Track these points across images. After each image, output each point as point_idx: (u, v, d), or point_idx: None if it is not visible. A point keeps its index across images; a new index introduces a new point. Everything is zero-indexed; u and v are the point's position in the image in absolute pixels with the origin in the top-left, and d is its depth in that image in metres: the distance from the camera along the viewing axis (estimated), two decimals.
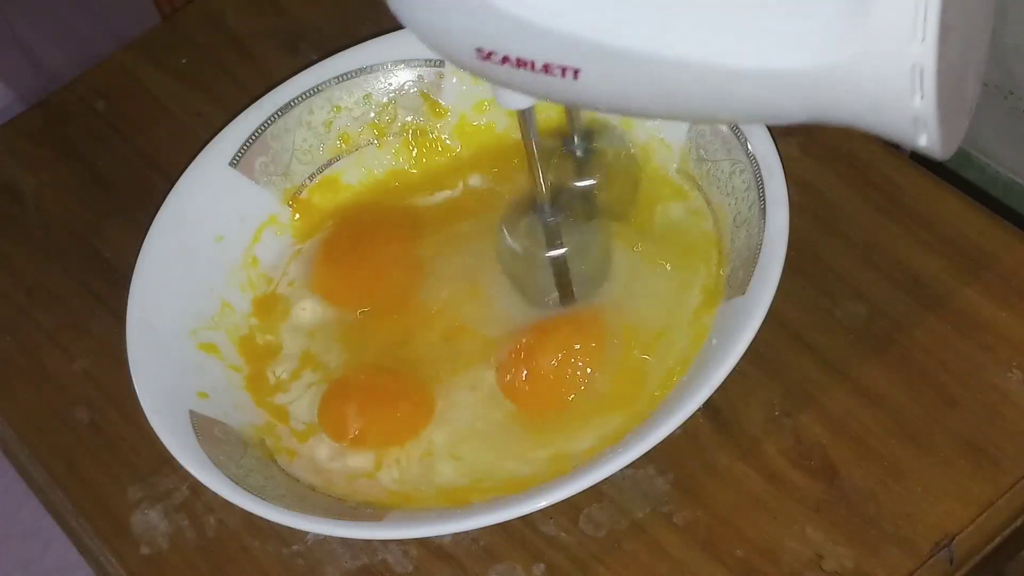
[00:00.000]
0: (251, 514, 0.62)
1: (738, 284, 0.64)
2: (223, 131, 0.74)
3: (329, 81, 0.75)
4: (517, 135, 0.65)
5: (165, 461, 0.65)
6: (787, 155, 0.67)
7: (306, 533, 0.65)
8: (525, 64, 0.54)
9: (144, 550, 0.67)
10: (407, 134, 0.76)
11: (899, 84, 0.49)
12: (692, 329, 0.66)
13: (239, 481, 0.63)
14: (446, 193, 0.75)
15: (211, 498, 0.65)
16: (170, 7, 1.17)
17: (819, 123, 0.53)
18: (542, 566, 0.63)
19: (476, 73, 0.56)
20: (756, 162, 0.66)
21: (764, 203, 0.65)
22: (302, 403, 0.69)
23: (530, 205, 0.67)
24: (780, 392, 0.66)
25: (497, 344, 0.68)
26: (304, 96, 0.75)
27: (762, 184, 0.65)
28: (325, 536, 0.64)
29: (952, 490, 0.62)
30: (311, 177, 0.75)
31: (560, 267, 0.68)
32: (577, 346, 0.66)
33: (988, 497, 0.62)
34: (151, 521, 0.68)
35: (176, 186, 0.73)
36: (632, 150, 0.72)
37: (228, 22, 0.87)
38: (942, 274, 0.68)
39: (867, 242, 0.70)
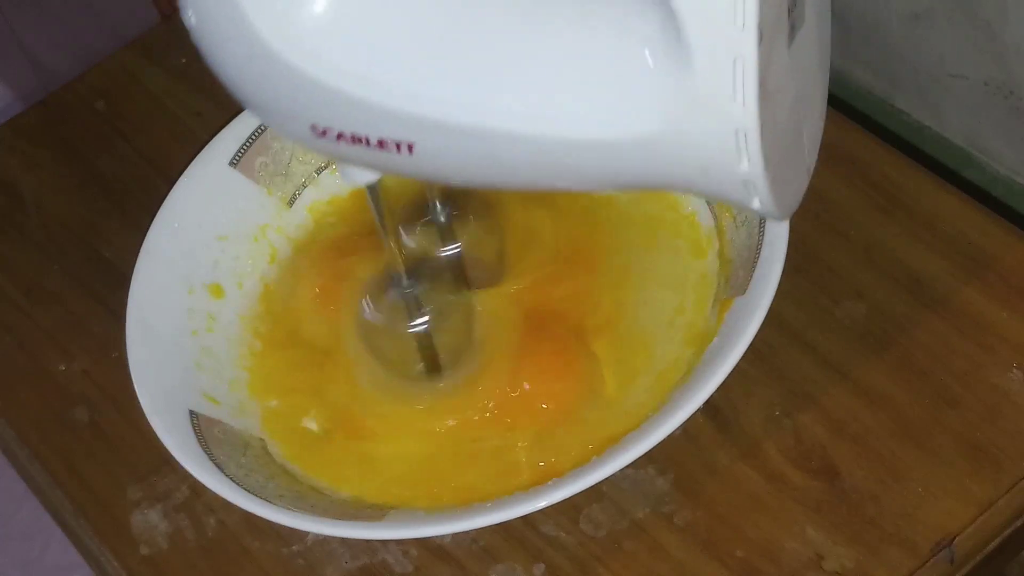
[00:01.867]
0: (251, 514, 0.62)
1: (738, 284, 0.64)
2: (223, 131, 0.74)
3: None
4: None
5: (165, 461, 0.64)
6: None
7: (306, 533, 0.65)
8: (360, 140, 0.54)
9: (144, 550, 0.67)
10: None
11: (724, 149, 0.49)
12: (693, 329, 0.66)
13: (239, 481, 0.63)
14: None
15: (211, 498, 0.65)
16: (170, 7, 1.17)
17: (658, 189, 0.54)
18: (542, 566, 0.63)
19: (314, 150, 0.57)
20: None
21: None
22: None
23: (391, 277, 0.66)
24: (780, 392, 0.66)
25: None
26: None
27: None
28: (325, 536, 0.64)
29: (953, 490, 0.62)
30: (311, 177, 0.75)
31: (423, 339, 0.67)
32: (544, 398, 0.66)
33: (989, 497, 0.62)
34: (151, 521, 0.68)
35: (176, 186, 0.73)
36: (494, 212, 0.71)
37: None
38: (943, 274, 0.68)
39: (867, 242, 0.70)
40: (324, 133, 0.55)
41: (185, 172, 0.73)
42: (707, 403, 0.60)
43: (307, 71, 0.53)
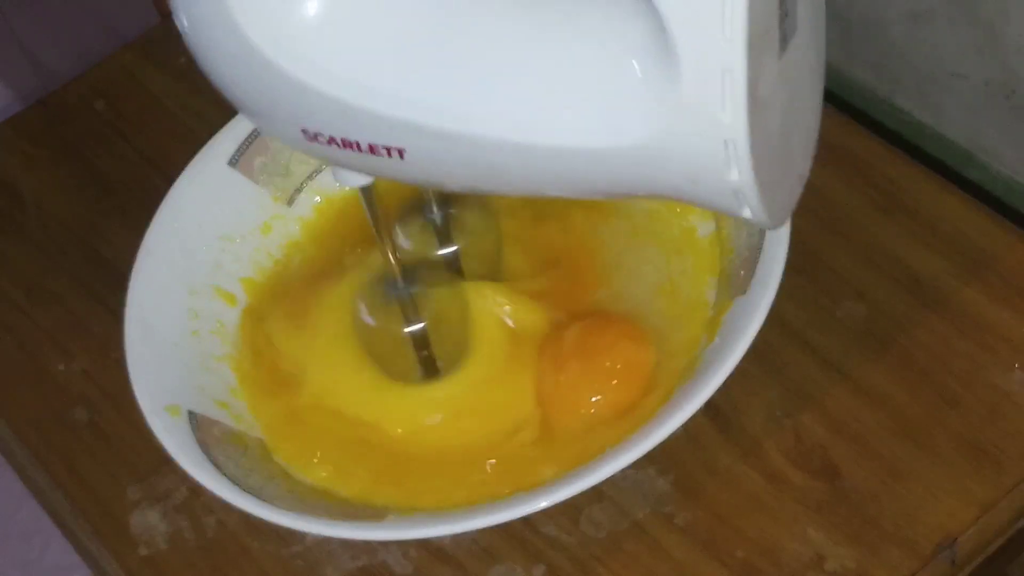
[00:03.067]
0: (250, 515, 0.62)
1: (739, 284, 0.64)
2: (222, 131, 0.74)
3: None
4: None
5: (164, 461, 0.64)
6: None
7: (305, 534, 0.65)
8: (351, 145, 0.54)
9: (143, 550, 0.67)
10: None
11: (713, 159, 0.49)
12: (694, 330, 0.66)
13: (238, 482, 0.63)
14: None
15: (210, 498, 0.65)
16: (170, 7, 1.17)
17: (648, 196, 0.54)
18: (542, 567, 0.63)
19: (307, 153, 0.57)
20: None
21: None
22: None
23: (386, 279, 0.66)
24: (781, 392, 0.66)
25: None
26: None
27: None
28: (325, 537, 0.64)
29: (954, 490, 0.62)
30: (310, 177, 0.75)
31: (420, 341, 0.67)
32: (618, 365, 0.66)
33: (990, 498, 0.62)
34: (150, 521, 0.68)
35: (175, 185, 0.72)
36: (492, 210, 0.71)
37: None
38: (943, 274, 0.68)
39: (868, 242, 0.70)
40: (315, 137, 0.55)
41: (184, 172, 0.73)
42: (708, 403, 0.60)
43: (297, 76, 0.53)
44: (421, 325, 0.66)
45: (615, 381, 0.65)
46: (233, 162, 0.73)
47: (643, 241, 0.70)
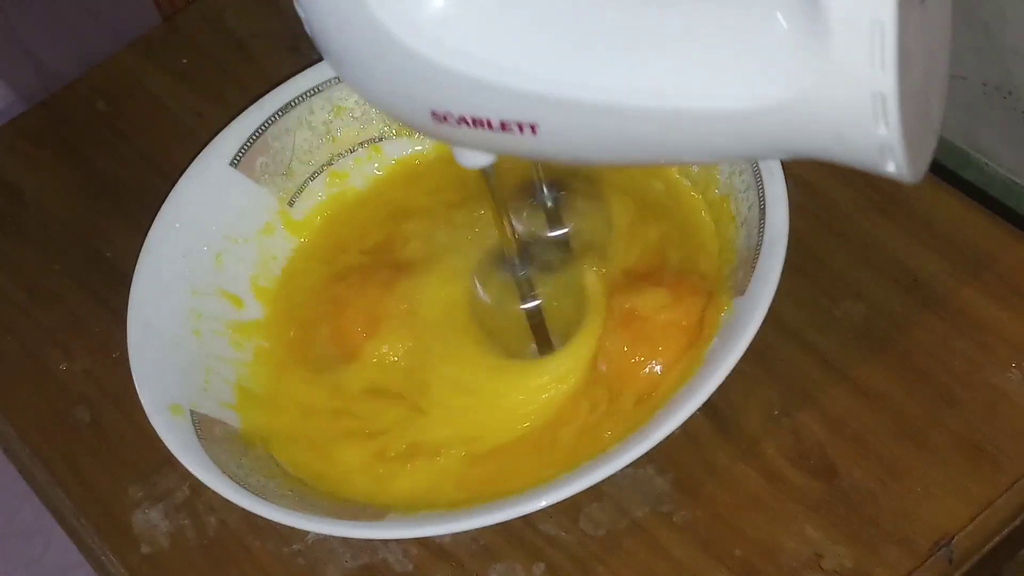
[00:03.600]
0: (252, 513, 0.62)
1: (738, 284, 0.64)
2: (223, 131, 0.74)
3: (329, 81, 0.75)
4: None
5: (166, 460, 0.65)
6: None
7: (307, 532, 0.65)
8: (482, 123, 0.54)
9: (145, 549, 0.67)
10: (409, 134, 0.76)
11: (862, 114, 0.48)
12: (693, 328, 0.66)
13: (240, 480, 0.63)
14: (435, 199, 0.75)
15: (212, 497, 0.65)
16: (171, 7, 1.17)
17: (789, 157, 0.53)
18: (542, 565, 0.63)
19: (433, 136, 0.57)
20: (756, 163, 0.66)
21: (764, 203, 0.65)
22: None
23: (502, 259, 0.67)
24: (779, 392, 0.66)
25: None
26: (304, 96, 0.75)
27: (762, 184, 0.66)
28: (326, 535, 0.65)
29: (951, 489, 0.62)
30: (312, 177, 0.75)
31: (535, 318, 0.68)
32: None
33: (987, 496, 0.62)
34: (152, 520, 0.68)
35: (177, 186, 0.73)
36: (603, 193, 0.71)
37: (228, 22, 0.87)
38: (941, 274, 0.68)
39: (866, 242, 0.70)
40: (445, 118, 0.54)
41: (186, 172, 0.73)
42: (707, 403, 0.60)
43: (430, 56, 0.52)
44: (537, 303, 0.67)
45: (660, 346, 0.65)
46: (235, 162, 0.73)
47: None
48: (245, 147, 0.73)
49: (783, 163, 0.66)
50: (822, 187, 0.72)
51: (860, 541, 0.61)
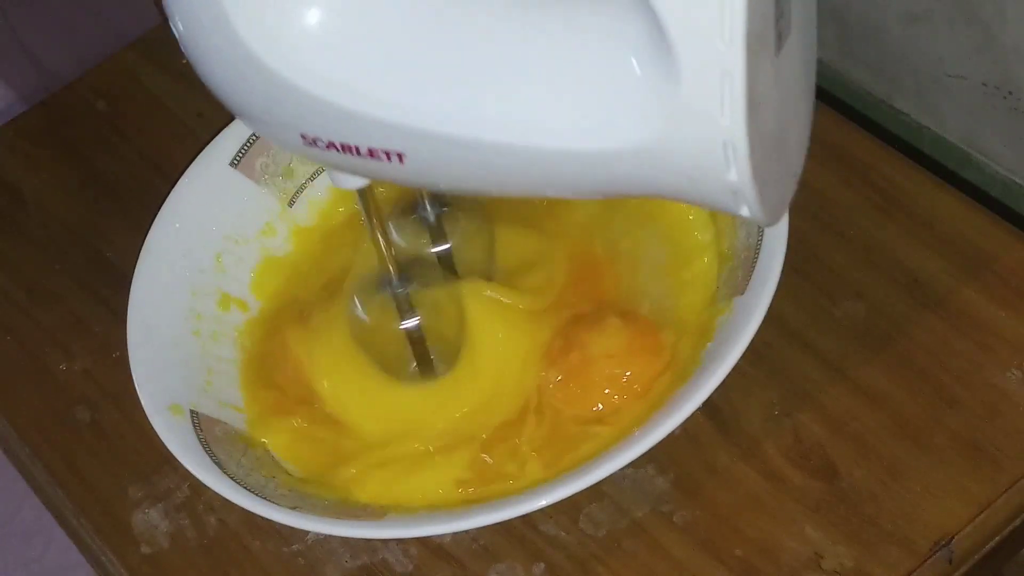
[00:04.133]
0: (251, 513, 0.62)
1: (737, 284, 0.64)
2: (224, 131, 0.74)
3: None
4: None
5: (166, 460, 0.65)
6: None
7: (306, 532, 0.65)
8: (350, 149, 0.55)
9: (145, 549, 0.67)
10: None
11: (713, 160, 0.49)
12: (693, 330, 0.66)
13: (239, 480, 0.63)
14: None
15: (212, 497, 0.65)
16: None
17: (647, 196, 0.54)
18: (542, 565, 0.63)
19: (305, 157, 0.57)
20: None
21: None
22: None
23: (382, 277, 0.67)
24: (779, 392, 0.66)
25: None
26: None
27: None
28: (325, 535, 0.65)
29: (951, 490, 0.62)
30: (312, 177, 0.75)
31: (415, 337, 0.67)
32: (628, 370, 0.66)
33: (987, 497, 0.62)
34: (152, 520, 0.68)
35: (176, 186, 0.73)
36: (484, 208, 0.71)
37: None
38: (941, 274, 0.68)
39: (866, 242, 0.70)
40: (314, 142, 0.55)
41: (186, 172, 0.73)
42: (706, 402, 0.60)
43: (296, 82, 0.53)
44: (416, 321, 0.67)
45: (616, 396, 0.65)
46: (235, 163, 0.73)
47: (639, 226, 0.70)
48: (245, 147, 0.74)
49: None
50: (822, 187, 0.72)
51: (860, 541, 0.61)
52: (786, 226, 0.64)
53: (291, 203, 0.75)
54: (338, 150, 0.55)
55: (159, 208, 0.72)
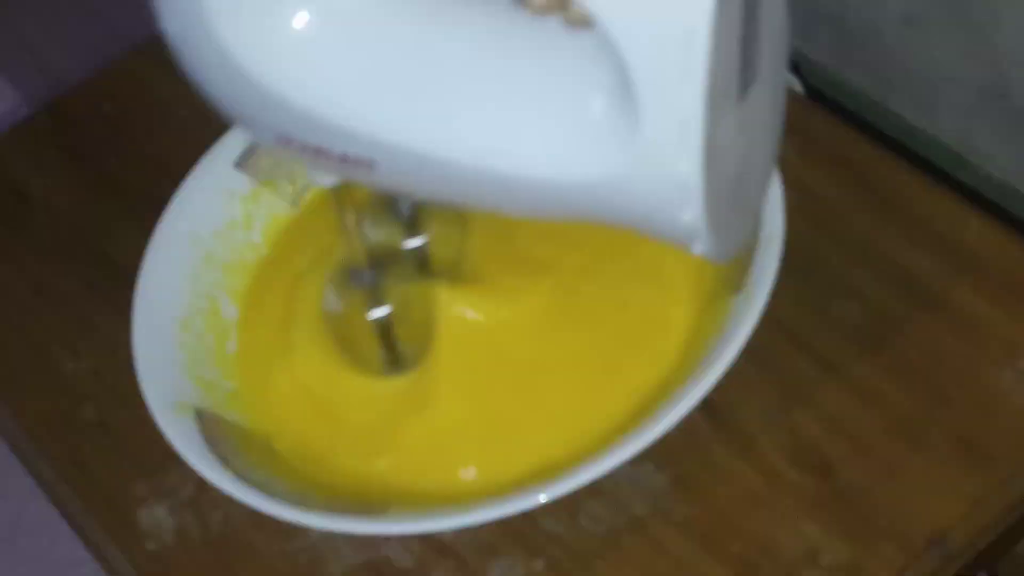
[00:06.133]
0: (256, 510, 0.62)
1: (735, 284, 0.65)
2: (228, 133, 0.74)
3: None
4: None
5: (171, 458, 0.65)
6: (784, 157, 0.67)
7: (310, 529, 0.66)
8: (323, 154, 0.56)
9: (150, 546, 0.67)
10: None
11: (669, 199, 0.50)
12: (691, 328, 0.67)
13: (244, 477, 0.63)
14: None
15: (216, 494, 0.66)
16: None
17: (606, 224, 0.55)
18: (542, 561, 0.64)
19: (284, 155, 0.58)
20: None
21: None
22: None
23: (352, 267, 0.67)
24: (776, 390, 0.66)
25: None
26: None
27: None
28: (329, 532, 0.65)
29: (946, 486, 0.63)
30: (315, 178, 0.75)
31: (382, 328, 0.68)
32: None
33: (981, 493, 0.62)
34: (157, 517, 0.68)
35: (182, 187, 0.73)
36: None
37: None
38: (936, 274, 0.69)
39: (862, 242, 0.70)
40: (290, 143, 0.56)
41: (191, 173, 0.74)
42: (704, 401, 0.61)
43: (271, 88, 0.54)
44: (385, 312, 0.67)
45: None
46: (239, 164, 0.74)
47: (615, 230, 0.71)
48: (250, 149, 0.74)
49: (780, 165, 0.66)
50: (818, 188, 0.72)
51: (856, 537, 0.62)
52: (783, 223, 0.64)
53: (295, 204, 0.75)
54: (312, 153, 0.56)
55: (164, 208, 0.73)
